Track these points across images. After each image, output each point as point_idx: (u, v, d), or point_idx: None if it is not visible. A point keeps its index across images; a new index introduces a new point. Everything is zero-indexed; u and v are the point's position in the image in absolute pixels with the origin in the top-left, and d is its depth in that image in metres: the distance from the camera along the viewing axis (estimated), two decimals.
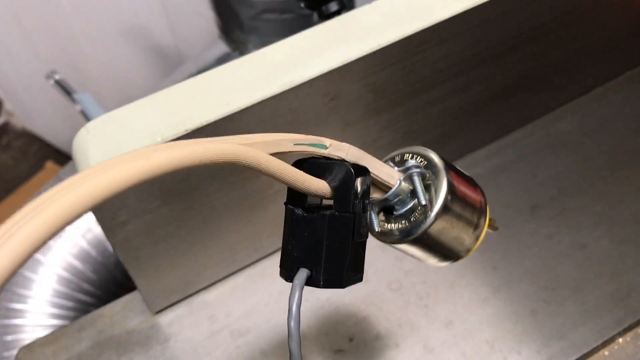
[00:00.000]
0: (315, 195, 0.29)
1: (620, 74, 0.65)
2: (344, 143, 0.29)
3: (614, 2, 0.55)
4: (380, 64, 0.44)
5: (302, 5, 0.50)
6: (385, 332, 0.50)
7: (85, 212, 0.18)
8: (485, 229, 0.35)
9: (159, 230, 0.44)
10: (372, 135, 0.50)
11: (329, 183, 0.29)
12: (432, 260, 0.34)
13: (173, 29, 1.11)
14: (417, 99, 0.49)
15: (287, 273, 0.29)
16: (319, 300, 0.52)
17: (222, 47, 0.87)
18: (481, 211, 0.34)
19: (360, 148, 0.50)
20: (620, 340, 0.49)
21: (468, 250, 0.34)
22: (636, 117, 0.62)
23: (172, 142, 0.23)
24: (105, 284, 0.81)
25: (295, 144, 0.28)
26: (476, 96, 0.54)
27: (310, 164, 0.29)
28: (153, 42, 1.16)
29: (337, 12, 0.48)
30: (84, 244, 0.81)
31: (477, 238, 0.34)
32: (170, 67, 1.17)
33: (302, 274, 0.28)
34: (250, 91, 0.40)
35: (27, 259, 0.17)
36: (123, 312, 0.52)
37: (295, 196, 0.29)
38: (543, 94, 0.60)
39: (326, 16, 0.49)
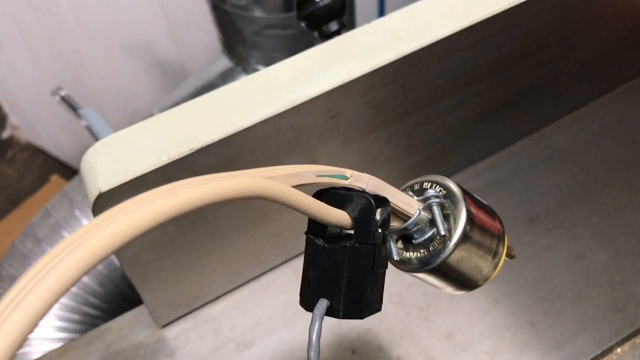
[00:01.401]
0: (336, 226, 0.29)
1: (616, 87, 0.66)
2: (364, 174, 0.30)
3: (607, 17, 0.57)
4: (380, 82, 0.45)
5: (303, 25, 0.51)
6: (387, 344, 0.51)
7: (118, 249, 0.19)
8: (504, 257, 0.35)
9: (165, 245, 0.45)
10: (373, 151, 0.51)
11: (349, 214, 0.29)
12: (449, 289, 0.34)
13: (177, 45, 1.13)
14: (417, 115, 0.51)
15: (307, 303, 0.29)
16: None
17: (225, 62, 0.88)
18: (500, 239, 0.34)
19: (361, 164, 0.52)
20: (619, 350, 0.49)
21: (486, 279, 0.34)
22: (632, 129, 0.63)
23: (198, 178, 0.23)
24: (111, 297, 0.82)
25: (317, 176, 0.28)
26: (474, 111, 0.55)
27: (330, 194, 0.30)
28: (157, 58, 1.17)
29: (337, 32, 0.49)
30: None
31: (495, 266, 0.34)
32: (174, 81, 1.18)
33: (322, 304, 0.28)
34: (254, 110, 0.41)
35: (63, 293, 0.18)
36: (130, 326, 0.53)
37: (316, 226, 0.30)
38: (540, 107, 0.61)
39: (326, 35, 0.50)
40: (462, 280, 0.33)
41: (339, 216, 0.29)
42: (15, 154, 1.66)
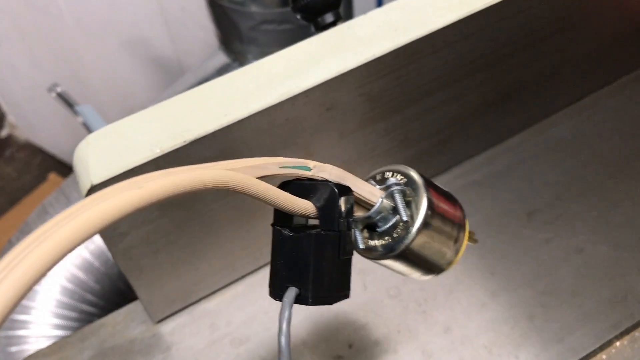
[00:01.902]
0: (302, 216, 0.30)
1: (615, 79, 0.66)
2: (326, 164, 0.31)
3: (606, 8, 0.56)
4: (376, 73, 0.44)
5: (299, 17, 0.50)
6: (384, 339, 0.50)
7: (83, 241, 0.19)
8: (466, 241, 0.36)
9: (159, 240, 0.45)
10: (369, 144, 0.50)
11: (314, 203, 0.30)
12: (415, 275, 0.35)
13: (173, 41, 1.12)
14: (413, 107, 0.50)
15: (277, 292, 0.30)
16: (319, 308, 0.52)
17: (222, 58, 0.88)
18: (460, 225, 0.35)
19: (358, 157, 0.51)
20: (618, 343, 0.49)
21: (450, 263, 0.35)
22: (631, 122, 0.62)
23: (165, 170, 0.24)
24: (108, 294, 0.82)
25: (280, 167, 0.29)
26: (471, 104, 0.55)
27: (295, 185, 0.30)
28: (154, 54, 1.17)
29: (333, 24, 0.49)
30: (86, 254, 0.82)
31: (457, 251, 0.35)
32: (171, 78, 1.18)
33: (291, 292, 0.29)
34: (248, 102, 0.41)
35: (28, 290, 0.18)
36: (125, 322, 0.53)
37: (282, 217, 0.30)
38: (538, 100, 0.61)
39: (322, 27, 0.49)
40: (427, 265, 0.34)
41: (304, 205, 0.29)
42: (14, 152, 1.66)
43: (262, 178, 0.28)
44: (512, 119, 0.61)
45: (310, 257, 0.29)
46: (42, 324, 0.79)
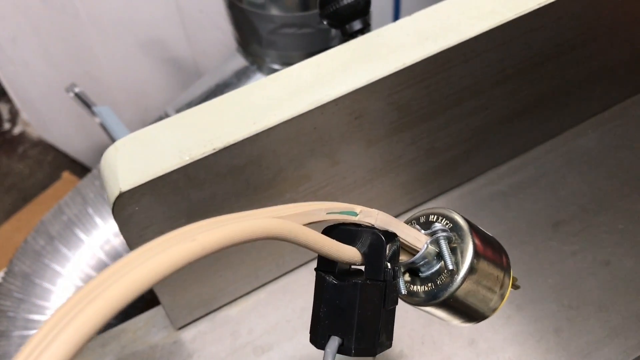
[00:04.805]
0: (347, 263, 0.29)
1: None
2: (373, 209, 0.30)
3: (635, 18, 0.55)
4: (405, 82, 0.44)
5: (325, 23, 0.50)
6: (408, 350, 0.50)
7: (135, 297, 0.19)
8: (510, 288, 0.35)
9: None
10: (396, 152, 0.50)
11: (359, 249, 0.29)
12: (456, 322, 0.34)
13: (191, 42, 1.12)
14: (441, 116, 0.50)
15: (318, 340, 0.29)
16: None
17: (240, 61, 0.87)
18: (505, 270, 0.34)
19: (384, 165, 0.51)
20: None
21: (494, 310, 0.34)
22: None
23: (214, 219, 0.24)
24: None
25: (327, 213, 0.29)
26: (499, 113, 0.54)
27: (340, 230, 0.30)
28: (171, 55, 1.16)
29: (361, 31, 0.48)
30: (102, 255, 0.82)
31: (502, 297, 0.34)
32: (188, 79, 1.17)
33: (334, 342, 0.28)
34: (277, 110, 0.40)
35: (83, 347, 0.17)
36: (146, 328, 0.52)
37: (326, 262, 0.30)
38: (564, 110, 0.60)
39: (350, 35, 0.49)
40: (470, 313, 0.33)
41: (350, 253, 0.29)
42: (27, 150, 1.66)
43: (308, 224, 0.27)
44: (538, 129, 0.60)
45: (355, 307, 0.28)
46: None
